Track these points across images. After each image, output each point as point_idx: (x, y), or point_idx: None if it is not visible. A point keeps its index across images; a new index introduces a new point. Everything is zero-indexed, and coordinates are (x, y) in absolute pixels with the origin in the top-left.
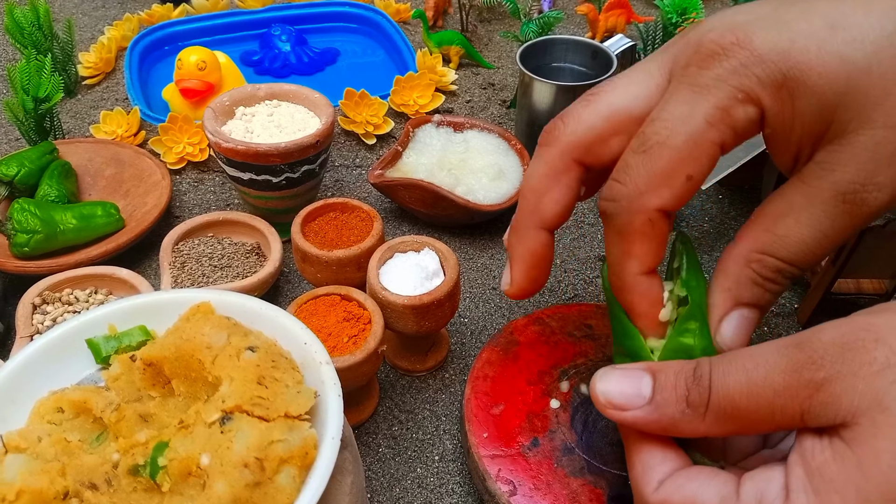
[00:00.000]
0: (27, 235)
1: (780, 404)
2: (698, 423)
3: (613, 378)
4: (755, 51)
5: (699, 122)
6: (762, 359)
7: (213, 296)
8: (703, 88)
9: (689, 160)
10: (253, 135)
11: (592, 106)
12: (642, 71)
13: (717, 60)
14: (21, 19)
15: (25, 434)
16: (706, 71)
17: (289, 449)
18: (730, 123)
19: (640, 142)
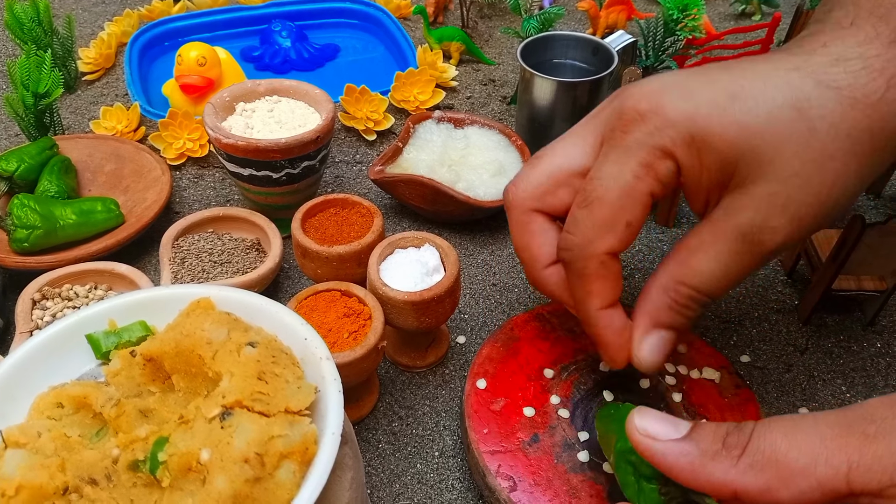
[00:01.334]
0: (27, 231)
1: (825, 454)
2: (729, 467)
3: (654, 414)
4: (667, 116)
5: (628, 177)
6: (812, 415)
7: (214, 291)
8: (628, 150)
9: (626, 209)
10: (253, 130)
11: (537, 168)
12: (577, 135)
13: (636, 125)
14: (21, 15)
15: (25, 429)
16: (628, 135)
17: (289, 444)
18: (653, 176)
19: (582, 198)
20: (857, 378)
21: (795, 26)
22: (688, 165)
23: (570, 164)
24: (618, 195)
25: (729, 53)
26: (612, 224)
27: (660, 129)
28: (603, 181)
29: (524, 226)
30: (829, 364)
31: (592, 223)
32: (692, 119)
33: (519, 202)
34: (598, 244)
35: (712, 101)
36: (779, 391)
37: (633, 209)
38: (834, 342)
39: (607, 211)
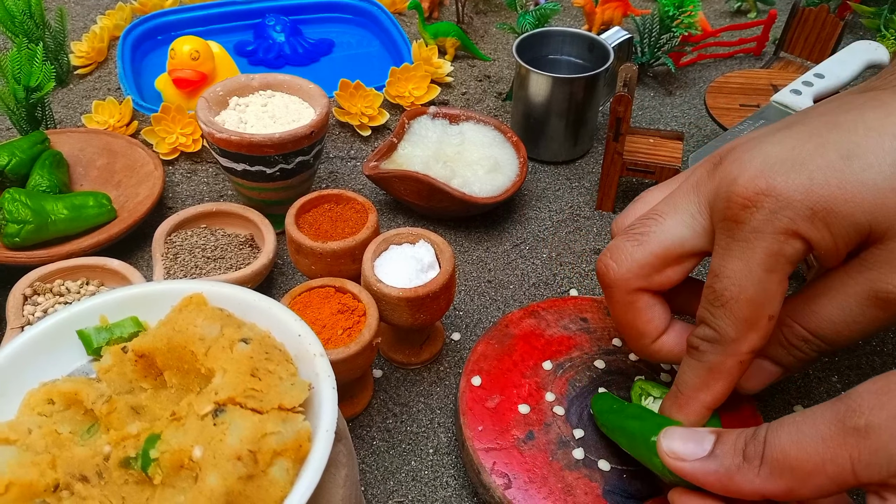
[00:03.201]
0: (18, 226)
1: (829, 454)
2: (753, 477)
3: (678, 434)
4: (780, 196)
5: (759, 273)
6: (810, 413)
7: (206, 287)
8: (747, 241)
9: (766, 304)
10: (247, 125)
11: (643, 246)
12: (685, 212)
13: (749, 213)
14: (12, 8)
15: (15, 426)
16: (745, 224)
17: (282, 441)
18: (783, 261)
19: (714, 296)
20: (853, 375)
21: (791, 23)
22: (817, 239)
23: (678, 245)
24: (755, 293)
25: (724, 51)
26: (754, 322)
27: (776, 212)
28: (735, 279)
29: (629, 305)
30: (824, 362)
31: (734, 322)
32: (809, 192)
33: (623, 282)
34: (741, 343)
35: (827, 166)
36: (774, 389)
37: (773, 301)
38: None
39: (747, 310)
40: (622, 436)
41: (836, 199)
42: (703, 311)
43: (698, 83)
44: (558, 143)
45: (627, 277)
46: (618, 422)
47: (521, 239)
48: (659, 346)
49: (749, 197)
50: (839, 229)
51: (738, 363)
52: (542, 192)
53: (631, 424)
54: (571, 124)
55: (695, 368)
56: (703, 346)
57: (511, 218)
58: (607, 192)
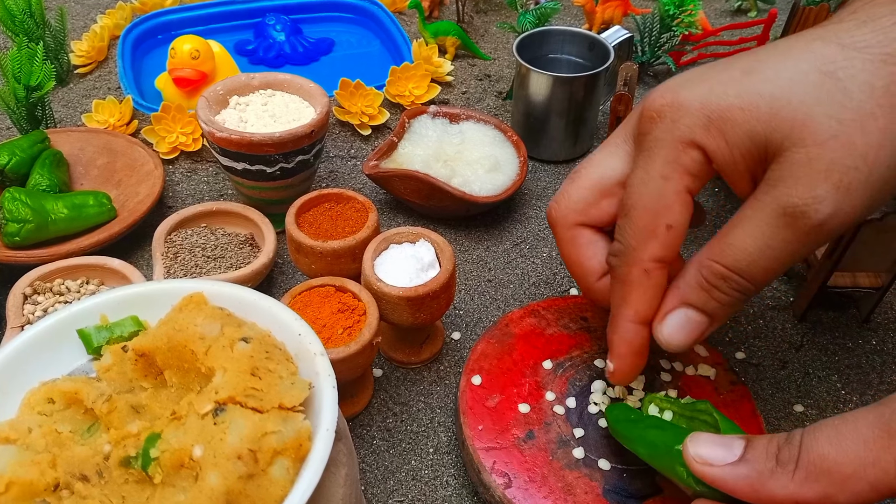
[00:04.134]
0: (18, 225)
1: (871, 457)
2: (787, 482)
3: (705, 439)
4: (681, 106)
5: (656, 179)
6: (850, 416)
7: (207, 286)
8: (650, 150)
9: (662, 212)
10: (247, 124)
11: (576, 182)
12: (612, 144)
13: (654, 123)
14: (12, 7)
15: (15, 425)
16: (649, 135)
17: (283, 441)
18: (682, 171)
19: (621, 207)
20: (853, 375)
21: (792, 22)
22: (713, 149)
23: (609, 175)
24: (650, 199)
25: (725, 49)
26: (651, 230)
27: (675, 121)
28: (634, 188)
29: (571, 241)
30: (825, 361)
31: (633, 230)
32: (707, 101)
33: (562, 218)
34: (640, 251)
35: (728, 80)
36: (774, 388)
37: (671, 210)
38: (829, 339)
39: (644, 217)
40: (642, 445)
41: (731, 107)
42: (616, 227)
43: None
44: (558, 143)
45: (566, 213)
46: (637, 431)
47: (522, 238)
48: (603, 284)
49: (657, 108)
50: (734, 137)
51: (643, 272)
52: (542, 192)
53: (652, 434)
54: (572, 123)
55: (613, 286)
56: (613, 261)
57: (511, 217)
58: None
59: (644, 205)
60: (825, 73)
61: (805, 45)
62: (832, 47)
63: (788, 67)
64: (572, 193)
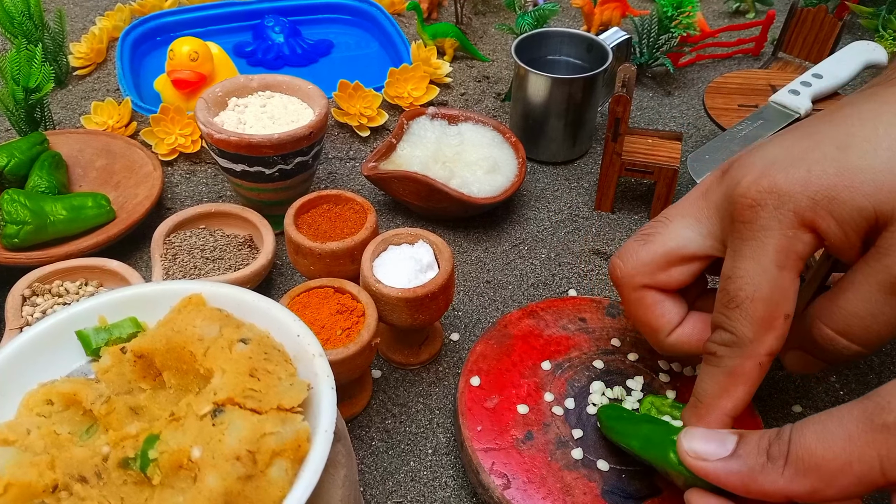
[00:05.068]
0: (17, 226)
1: (856, 452)
2: (777, 477)
3: (699, 434)
4: (781, 191)
5: (771, 270)
6: (836, 411)
7: (205, 287)
8: (757, 240)
9: (780, 303)
10: (246, 126)
11: (648, 246)
12: (690, 216)
13: (755, 212)
14: (11, 8)
15: (14, 426)
16: (753, 224)
17: (281, 442)
18: (795, 257)
19: (728, 298)
20: (851, 375)
21: (790, 24)
22: (823, 228)
23: (683, 246)
24: (769, 292)
25: (723, 51)
26: (769, 322)
27: (780, 208)
28: (747, 279)
29: (639, 301)
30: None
31: (750, 323)
32: (808, 183)
33: (629, 279)
34: (759, 344)
35: (823, 157)
36: (772, 388)
37: (788, 299)
38: None
39: (762, 309)
40: (635, 438)
41: (835, 186)
42: (718, 315)
43: (697, 84)
44: (557, 144)
45: (633, 275)
46: (630, 425)
47: (520, 239)
48: (675, 338)
49: (753, 196)
50: (843, 216)
51: (756, 365)
52: (540, 193)
53: (646, 427)
54: (570, 125)
55: (713, 375)
56: (720, 351)
57: (510, 218)
58: (606, 192)
59: (761, 297)
60: None
61: (892, 110)
62: None
63: (883, 137)
64: (642, 256)
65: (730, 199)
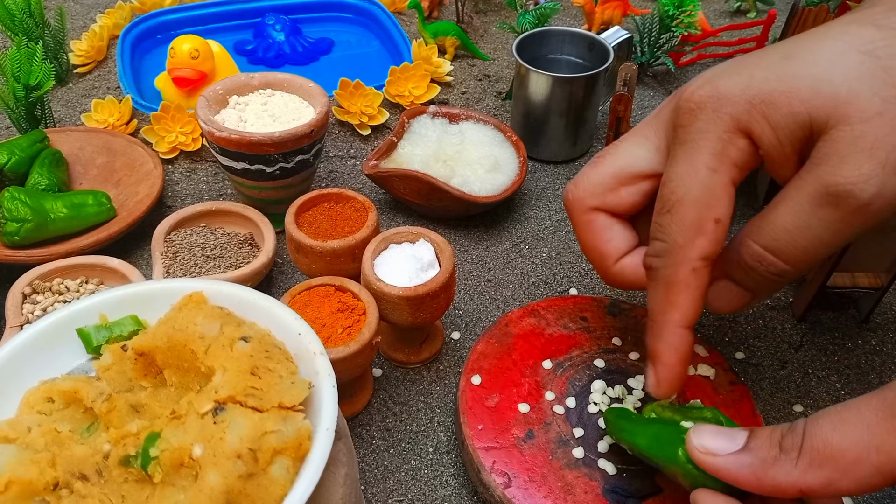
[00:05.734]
0: (17, 224)
1: (875, 441)
2: (791, 468)
3: (709, 430)
4: (721, 95)
5: (703, 171)
6: (853, 402)
7: (206, 285)
8: (693, 143)
9: (711, 206)
10: (246, 124)
11: (598, 167)
12: (639, 135)
13: (694, 115)
14: (12, 6)
15: (15, 424)
16: (689, 127)
17: (282, 440)
18: (728, 162)
19: (661, 203)
20: (852, 375)
21: (791, 23)
22: (758, 134)
23: (632, 164)
24: (698, 193)
25: (724, 50)
26: (699, 225)
27: (717, 111)
28: (679, 182)
29: (587, 224)
30: (824, 361)
31: (679, 227)
32: (748, 88)
33: (579, 201)
34: (688, 249)
35: (766, 66)
36: (773, 388)
37: (719, 203)
38: (828, 339)
39: (692, 212)
40: (643, 437)
41: (773, 91)
42: (654, 225)
43: None
44: (558, 143)
45: (583, 196)
46: (638, 425)
47: (521, 238)
48: (620, 266)
49: (695, 101)
50: (778, 121)
51: (691, 271)
52: (541, 192)
53: (654, 427)
54: (571, 124)
55: (655, 289)
56: (655, 263)
57: (511, 217)
58: None
59: (691, 199)
60: (864, 52)
61: (841, 28)
62: (869, 29)
63: (826, 49)
64: (592, 177)
65: (674, 108)
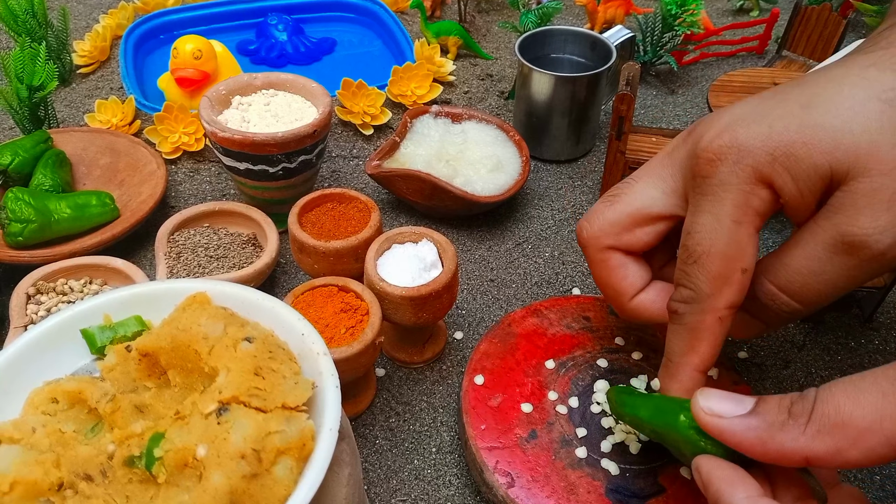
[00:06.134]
0: (21, 225)
1: (889, 409)
2: (798, 434)
3: (716, 393)
4: (741, 146)
5: (727, 224)
6: (869, 372)
7: (210, 286)
8: (715, 195)
9: (737, 258)
10: (249, 124)
11: (614, 207)
12: (654, 176)
13: (714, 166)
14: (15, 7)
15: (19, 425)
16: (712, 178)
17: (286, 440)
18: (752, 213)
19: (687, 254)
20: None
21: (794, 22)
22: (780, 185)
23: (648, 206)
24: (724, 246)
25: (727, 49)
26: (727, 276)
27: (738, 162)
28: (704, 234)
29: (603, 263)
30: (827, 361)
31: (707, 277)
32: (768, 139)
33: (594, 240)
34: (716, 299)
35: (786, 115)
36: (776, 388)
37: (745, 254)
38: (832, 339)
39: (719, 263)
40: (645, 409)
41: (794, 142)
42: (679, 272)
43: (701, 82)
44: (561, 142)
45: (598, 235)
46: (641, 398)
47: (524, 238)
48: (636, 303)
49: (714, 151)
50: (799, 173)
51: (717, 320)
52: (544, 191)
53: (656, 398)
54: (574, 123)
55: (677, 333)
56: (681, 308)
57: (513, 217)
58: None
59: (718, 252)
60: (885, 101)
61: (859, 73)
62: (888, 75)
63: (846, 97)
64: (608, 216)
65: (692, 156)
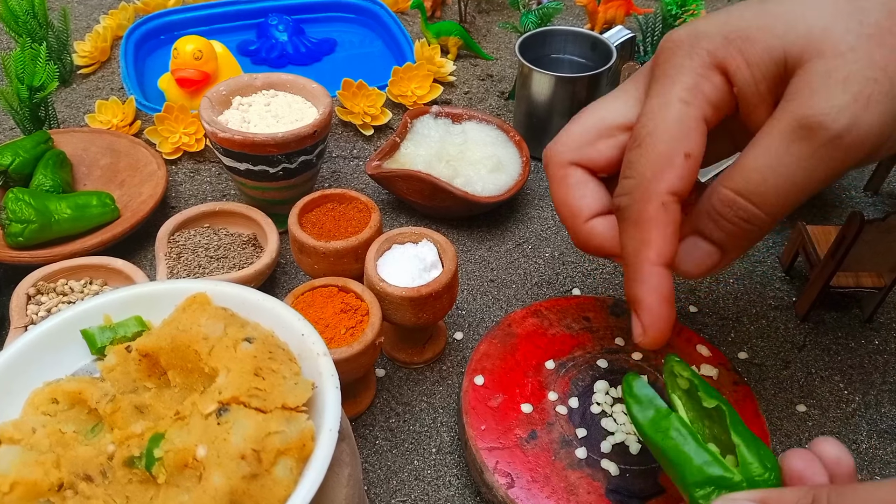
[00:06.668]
0: (21, 225)
1: None
2: None
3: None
4: (700, 34)
5: (675, 104)
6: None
7: (210, 286)
8: (668, 77)
9: (681, 139)
10: (250, 125)
11: (577, 122)
12: (621, 89)
13: (672, 52)
14: (16, 7)
15: (19, 425)
16: (667, 64)
17: (286, 441)
18: (702, 97)
19: (632, 139)
20: (855, 375)
21: None
22: (733, 70)
23: (612, 116)
24: (669, 125)
25: None
26: (668, 158)
27: (694, 47)
28: (650, 116)
29: (562, 179)
30: (827, 361)
31: (647, 160)
32: (724, 24)
33: (556, 155)
34: (657, 183)
35: (744, 7)
36: (776, 388)
37: (689, 137)
38: (832, 339)
39: (661, 144)
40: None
41: (749, 27)
42: (623, 163)
43: None
44: None
45: (560, 150)
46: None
47: (524, 238)
48: (590, 227)
49: (673, 40)
50: (753, 56)
51: (660, 206)
52: (544, 192)
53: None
54: None
55: (626, 231)
56: (624, 201)
57: (514, 217)
58: None
59: (661, 132)
60: None
61: None
62: None
63: None
64: (571, 131)
65: (655, 54)
